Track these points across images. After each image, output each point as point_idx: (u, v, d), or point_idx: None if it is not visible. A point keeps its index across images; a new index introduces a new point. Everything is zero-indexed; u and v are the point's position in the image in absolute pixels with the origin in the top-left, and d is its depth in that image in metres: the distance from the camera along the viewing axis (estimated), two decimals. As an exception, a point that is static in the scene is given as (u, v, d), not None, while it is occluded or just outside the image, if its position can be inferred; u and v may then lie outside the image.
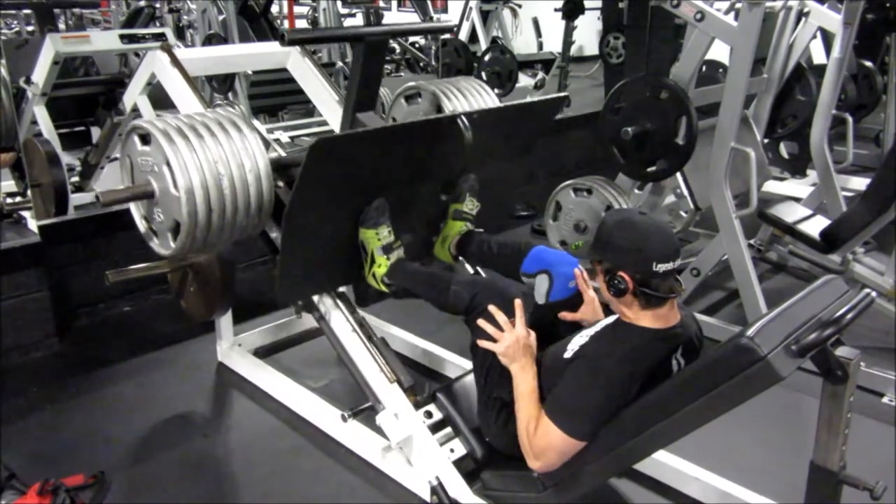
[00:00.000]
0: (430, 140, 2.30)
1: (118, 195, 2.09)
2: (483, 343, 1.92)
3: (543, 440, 1.74)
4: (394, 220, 2.30)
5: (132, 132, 2.10)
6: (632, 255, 1.67)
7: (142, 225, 2.21)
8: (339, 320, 2.36)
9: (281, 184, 2.27)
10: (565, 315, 2.07)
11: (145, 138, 2.05)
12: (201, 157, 2.01)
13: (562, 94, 2.88)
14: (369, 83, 2.44)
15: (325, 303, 2.40)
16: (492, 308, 1.92)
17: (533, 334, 1.91)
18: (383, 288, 2.31)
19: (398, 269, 2.28)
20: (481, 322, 1.92)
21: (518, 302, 1.92)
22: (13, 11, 7.82)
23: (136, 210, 2.21)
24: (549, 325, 2.05)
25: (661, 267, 1.64)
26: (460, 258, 2.52)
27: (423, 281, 2.23)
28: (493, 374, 1.98)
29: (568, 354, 1.80)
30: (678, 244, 1.72)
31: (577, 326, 2.02)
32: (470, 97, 2.75)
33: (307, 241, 2.20)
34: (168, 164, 1.99)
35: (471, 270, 2.61)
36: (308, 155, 1.93)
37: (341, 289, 2.45)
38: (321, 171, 2.01)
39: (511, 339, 1.87)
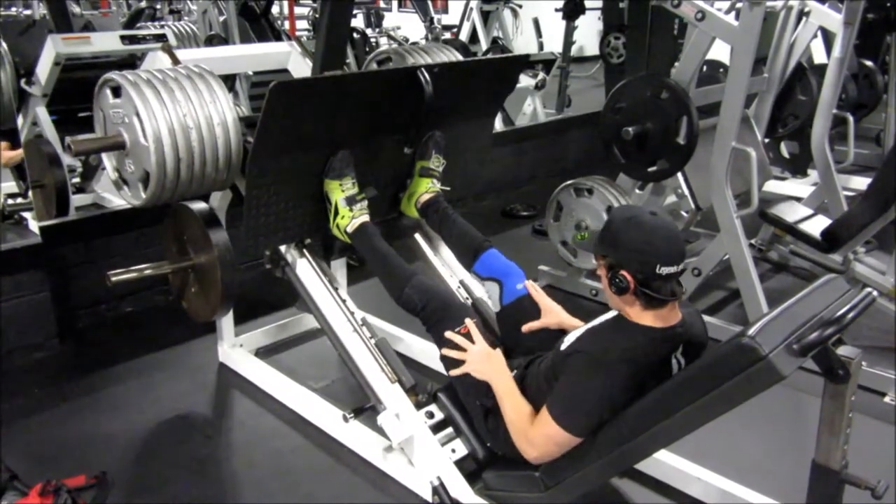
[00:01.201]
0: (393, 93, 2.34)
1: (89, 144, 2.18)
2: (454, 372, 2.05)
3: (542, 435, 1.75)
4: (359, 173, 2.37)
5: (104, 84, 2.18)
6: (636, 255, 1.66)
7: (113, 175, 2.31)
8: (305, 268, 2.43)
9: (250, 139, 2.30)
10: (530, 326, 2.17)
11: (117, 91, 2.14)
12: (170, 108, 2.10)
13: (522, 53, 2.99)
14: (336, 42, 2.57)
15: (291, 253, 2.47)
16: (448, 334, 2.06)
17: (487, 346, 2.03)
18: (347, 239, 2.38)
19: (362, 234, 2.35)
20: (445, 351, 2.07)
21: (468, 322, 2.08)
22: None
23: (108, 161, 2.31)
24: (514, 327, 2.20)
25: (665, 270, 1.63)
26: (425, 217, 2.59)
27: (381, 264, 2.31)
28: (468, 385, 2.06)
29: (564, 346, 1.82)
30: (684, 247, 1.71)
31: (561, 333, 2.05)
32: (435, 57, 2.85)
33: (271, 189, 2.25)
34: (138, 115, 2.07)
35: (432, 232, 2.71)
36: (268, 97, 2.00)
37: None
38: (282, 115, 2.08)
39: (474, 355, 2.01)
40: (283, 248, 2.48)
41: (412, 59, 2.81)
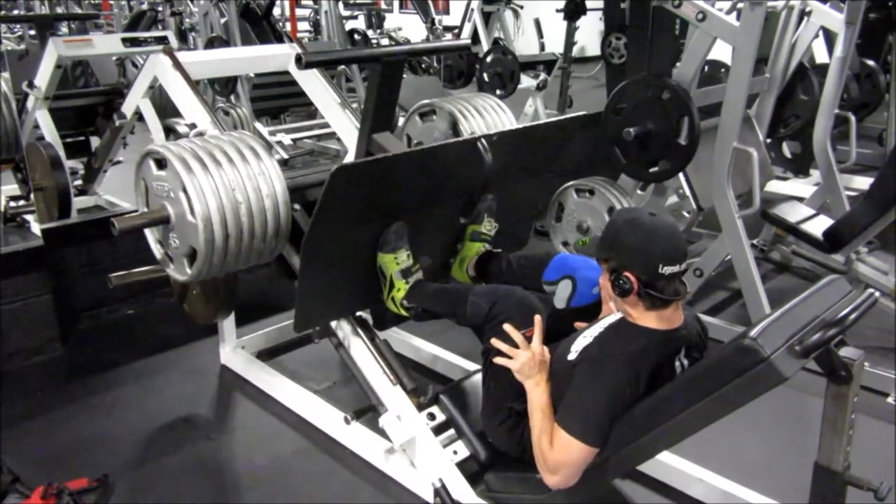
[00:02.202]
0: (450, 162, 2.28)
1: (134, 221, 2.06)
2: (499, 360, 1.88)
3: (559, 453, 1.71)
4: (412, 243, 2.27)
5: (147, 156, 2.07)
6: (638, 256, 1.66)
7: (157, 250, 2.20)
8: (359, 346, 2.34)
9: (297, 207, 2.25)
10: (580, 325, 2.00)
11: (161, 162, 2.02)
12: (218, 183, 1.97)
13: (581, 114, 2.85)
14: (386, 104, 2.40)
15: (343, 328, 2.38)
16: (507, 327, 1.88)
17: (547, 351, 1.88)
18: (403, 312, 2.27)
19: (417, 290, 2.25)
20: (495, 341, 1.90)
21: (538, 318, 1.89)
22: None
23: (150, 234, 2.19)
24: (563, 333, 1.99)
25: (668, 269, 1.63)
26: (481, 280, 2.46)
27: (442, 297, 2.21)
28: (505, 384, 1.94)
29: (572, 356, 1.79)
30: (685, 247, 1.71)
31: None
32: (486, 116, 2.73)
33: (326, 266, 2.16)
34: (185, 191, 1.95)
35: None
36: (329, 181, 1.89)
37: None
38: (341, 197, 1.99)
39: (527, 356, 1.84)
40: (333, 323, 2.39)
41: (458, 114, 2.65)
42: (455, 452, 2.18)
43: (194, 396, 2.89)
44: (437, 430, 2.23)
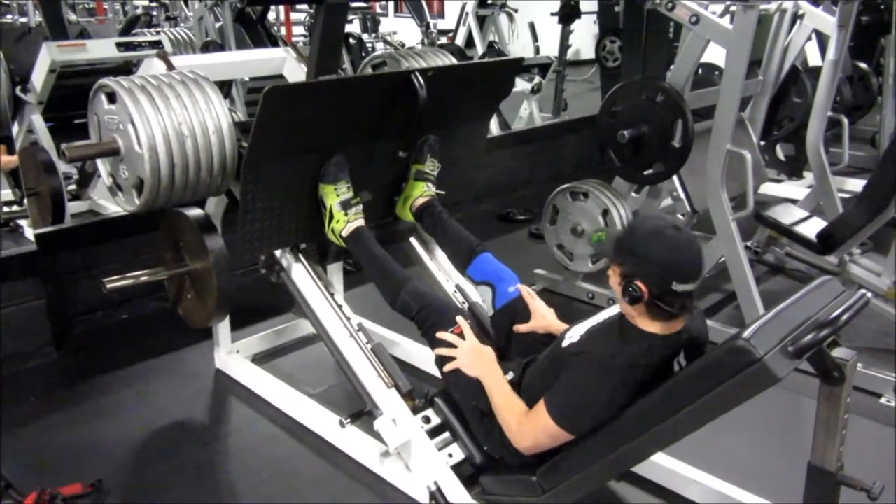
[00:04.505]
0: (387, 97, 2.34)
1: (84, 150, 2.18)
2: (446, 368, 2.06)
3: (535, 427, 1.78)
4: (354, 177, 2.37)
5: (99, 90, 2.17)
6: (654, 268, 1.63)
7: (108, 180, 2.31)
8: (301, 273, 2.43)
9: (245, 144, 2.31)
10: (518, 328, 2.20)
11: (112, 97, 2.13)
12: (165, 115, 2.09)
13: (516, 57, 2.97)
14: (330, 46, 2.53)
15: (286, 258, 2.46)
16: (439, 334, 2.08)
17: (478, 342, 2.06)
18: (342, 243, 2.38)
19: (357, 238, 2.35)
20: (438, 351, 2.09)
21: (460, 320, 2.11)
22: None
23: (102, 167, 2.31)
24: (507, 330, 2.22)
25: (680, 287, 1.62)
26: (420, 220, 2.58)
27: (377, 269, 2.32)
28: (463, 386, 2.06)
29: (566, 343, 1.82)
30: (702, 265, 1.69)
31: (548, 337, 2.10)
32: (430, 61, 2.83)
33: (266, 194, 2.25)
34: (132, 122, 2.07)
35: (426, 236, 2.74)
36: (262, 101, 2.00)
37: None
38: (276, 120, 2.08)
39: (465, 347, 2.03)
40: (278, 252, 2.47)
41: (407, 63, 2.81)
42: (450, 455, 2.18)
43: (189, 401, 2.88)
44: (433, 433, 2.23)
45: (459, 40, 7.07)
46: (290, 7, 10.36)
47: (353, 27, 10.05)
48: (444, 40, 8.01)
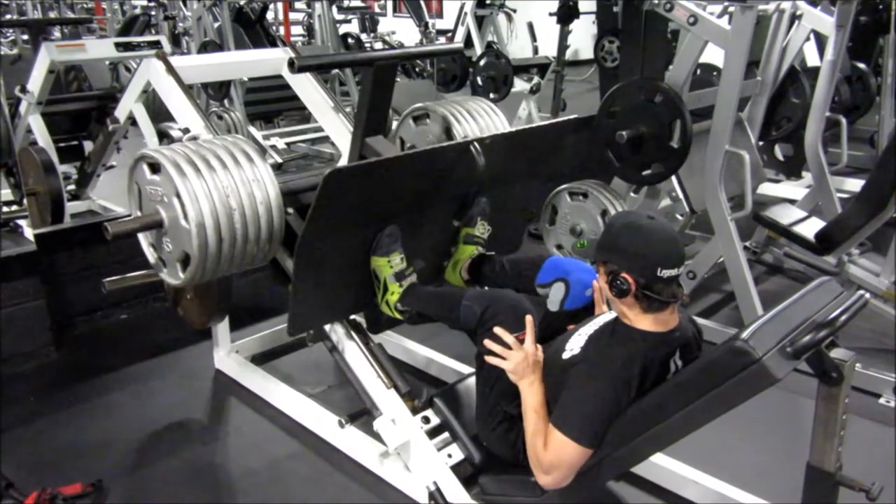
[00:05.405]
0: (443, 165, 2.28)
1: (127, 226, 2.05)
2: (491, 359, 1.88)
3: (553, 453, 1.71)
4: (405, 246, 2.27)
5: (141, 160, 2.07)
6: (637, 259, 1.66)
7: (150, 254, 2.20)
8: (353, 350, 2.34)
9: (291, 210, 2.25)
10: (573, 328, 1.98)
11: (154, 167, 2.02)
12: (212, 187, 1.98)
13: (573, 118, 2.86)
14: (379, 107, 2.41)
15: (337, 331, 2.37)
16: (498, 330, 1.89)
17: (540, 350, 1.89)
18: (397, 315, 2.28)
19: (410, 293, 2.25)
20: (488, 343, 1.89)
21: (529, 318, 1.90)
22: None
23: (143, 239, 2.19)
24: (556, 334, 2.01)
25: (665, 273, 1.64)
26: (474, 284, 2.46)
27: (435, 300, 2.22)
28: (498, 386, 1.96)
29: (567, 355, 1.81)
30: (683, 251, 1.72)
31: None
32: (479, 119, 2.74)
33: (319, 269, 2.16)
34: (178, 196, 1.96)
35: None
36: (322, 185, 1.89)
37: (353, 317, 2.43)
38: (335, 201, 1.99)
39: (520, 356, 1.84)
40: (327, 326, 2.39)
41: (451, 118, 2.66)
42: (450, 456, 2.19)
43: (188, 401, 2.88)
44: (432, 434, 2.23)
45: (458, 40, 7.07)
46: (288, 6, 10.37)
47: (352, 27, 10.06)
48: (442, 40, 8.01)
